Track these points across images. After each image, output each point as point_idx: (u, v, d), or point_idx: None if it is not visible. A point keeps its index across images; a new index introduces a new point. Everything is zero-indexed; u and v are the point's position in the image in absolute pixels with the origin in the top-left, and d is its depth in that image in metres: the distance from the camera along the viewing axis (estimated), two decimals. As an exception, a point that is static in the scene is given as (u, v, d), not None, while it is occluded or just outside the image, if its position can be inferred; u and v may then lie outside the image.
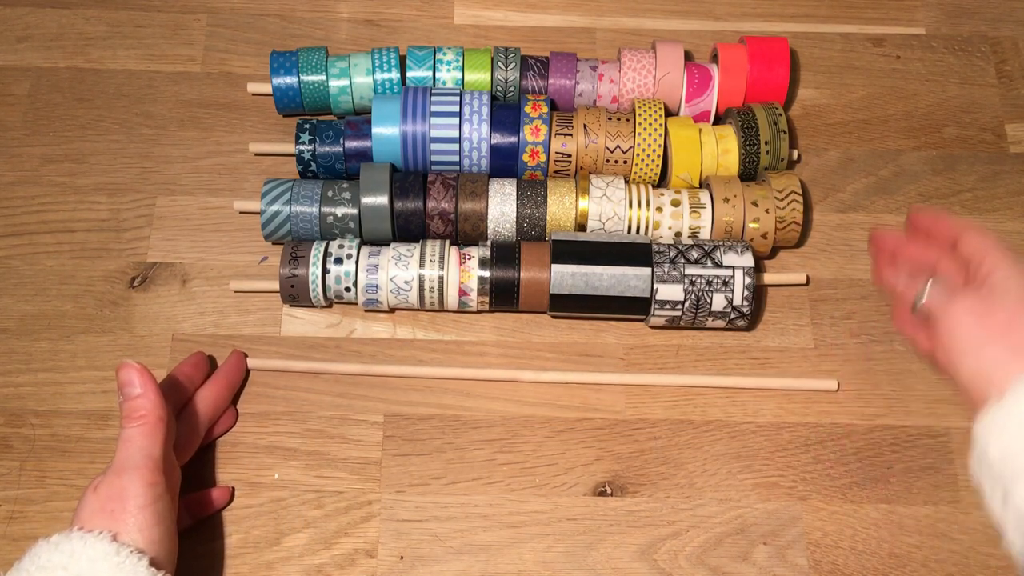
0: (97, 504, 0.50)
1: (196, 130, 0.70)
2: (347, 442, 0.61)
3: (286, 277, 0.61)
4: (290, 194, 0.63)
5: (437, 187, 0.63)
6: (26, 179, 0.68)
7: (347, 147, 0.65)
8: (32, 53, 0.72)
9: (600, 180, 0.64)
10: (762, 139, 0.65)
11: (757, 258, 0.64)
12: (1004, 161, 0.71)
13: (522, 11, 0.76)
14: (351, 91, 0.68)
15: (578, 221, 0.64)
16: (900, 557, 0.59)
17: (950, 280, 0.54)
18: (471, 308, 0.63)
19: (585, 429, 0.62)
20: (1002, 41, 0.75)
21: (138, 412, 0.53)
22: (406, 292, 0.62)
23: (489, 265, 0.61)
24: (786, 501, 0.60)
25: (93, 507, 0.50)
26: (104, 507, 0.50)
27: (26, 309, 0.64)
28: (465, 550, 0.59)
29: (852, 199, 0.69)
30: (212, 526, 0.59)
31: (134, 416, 0.53)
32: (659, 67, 0.68)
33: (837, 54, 0.75)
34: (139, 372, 0.53)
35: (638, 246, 0.61)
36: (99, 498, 0.51)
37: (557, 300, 0.61)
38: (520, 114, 0.65)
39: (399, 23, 0.75)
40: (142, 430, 0.53)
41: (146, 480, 0.51)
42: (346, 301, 0.63)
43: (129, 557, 0.48)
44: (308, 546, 0.58)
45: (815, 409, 0.63)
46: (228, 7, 0.75)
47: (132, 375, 0.53)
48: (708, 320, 0.62)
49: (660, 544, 0.59)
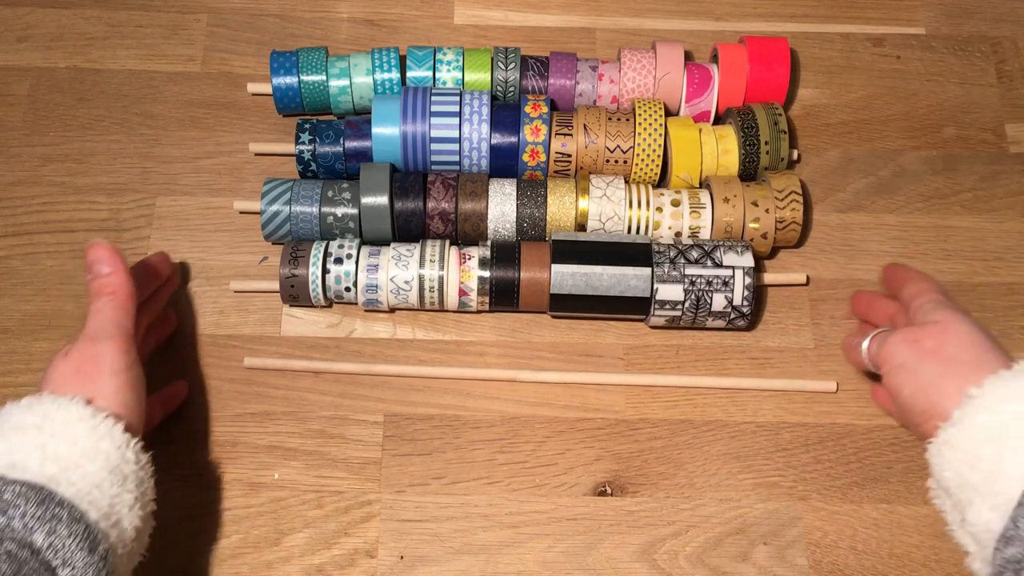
0: (69, 369, 0.50)
1: (196, 130, 0.70)
2: (347, 442, 0.61)
3: (286, 277, 0.61)
4: (290, 194, 0.63)
5: (437, 187, 0.63)
6: (26, 179, 0.68)
7: (347, 147, 0.65)
8: (32, 53, 0.72)
9: (600, 180, 0.64)
10: (762, 139, 0.65)
11: (757, 258, 0.64)
12: (1004, 161, 0.71)
13: (522, 11, 0.76)
14: (351, 91, 0.68)
15: (578, 221, 0.64)
16: (900, 557, 0.59)
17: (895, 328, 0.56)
18: (471, 308, 0.63)
19: (585, 429, 0.62)
20: (1002, 41, 0.75)
21: (108, 288, 0.53)
22: (406, 292, 0.62)
23: (489, 265, 0.61)
24: (786, 501, 0.60)
25: (64, 372, 0.50)
26: (78, 370, 0.50)
27: (26, 309, 0.64)
28: (465, 550, 0.59)
29: (852, 199, 0.69)
30: (212, 526, 0.59)
31: (104, 292, 0.53)
32: (659, 67, 0.68)
33: (837, 54, 0.75)
34: (109, 252, 0.53)
35: (638, 246, 0.61)
36: (71, 363, 0.50)
37: (557, 300, 0.61)
38: (520, 114, 0.65)
39: (399, 23, 0.75)
40: (113, 303, 0.52)
41: (120, 348, 0.51)
42: (346, 301, 0.63)
43: (105, 421, 0.48)
44: (308, 546, 0.58)
45: (815, 409, 0.63)
46: (228, 7, 0.75)
47: (102, 253, 0.53)
48: (708, 320, 0.62)
49: (660, 544, 0.59)
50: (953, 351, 0.50)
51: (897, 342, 0.53)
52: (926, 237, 0.68)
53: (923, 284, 0.57)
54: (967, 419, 0.47)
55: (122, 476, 0.47)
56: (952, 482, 0.47)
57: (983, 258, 0.68)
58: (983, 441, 0.46)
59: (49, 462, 0.45)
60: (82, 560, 0.43)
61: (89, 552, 0.44)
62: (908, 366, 0.51)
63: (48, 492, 0.44)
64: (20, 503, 0.43)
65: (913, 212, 0.69)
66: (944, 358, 0.50)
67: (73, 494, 0.45)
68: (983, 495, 0.45)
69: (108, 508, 0.46)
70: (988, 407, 0.46)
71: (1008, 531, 0.43)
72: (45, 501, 0.44)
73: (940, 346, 0.51)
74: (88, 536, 0.44)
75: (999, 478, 0.45)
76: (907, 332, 0.53)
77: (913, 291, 0.56)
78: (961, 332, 0.51)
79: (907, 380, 0.51)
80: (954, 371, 0.49)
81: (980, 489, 0.45)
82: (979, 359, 0.49)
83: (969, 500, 0.46)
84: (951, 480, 0.48)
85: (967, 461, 0.46)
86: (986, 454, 0.45)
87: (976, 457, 0.46)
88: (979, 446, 0.46)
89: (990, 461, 0.45)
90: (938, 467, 0.49)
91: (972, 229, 0.69)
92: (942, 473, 0.48)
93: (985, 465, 0.45)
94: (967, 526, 0.47)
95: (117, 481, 0.47)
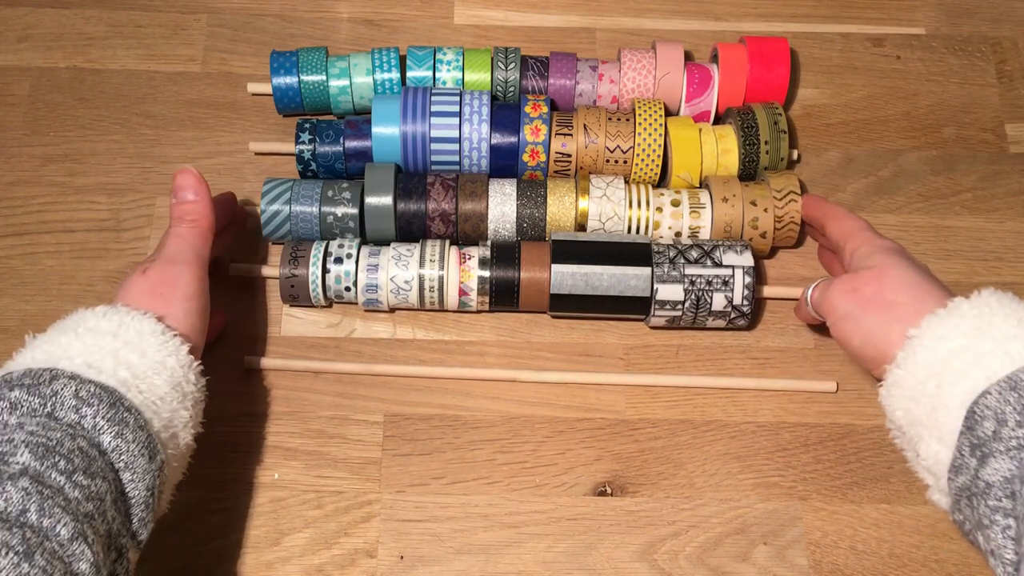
0: (147, 286, 0.53)
1: (196, 130, 0.70)
2: (347, 442, 0.61)
3: (286, 277, 0.61)
4: (290, 194, 0.63)
5: (437, 188, 0.63)
6: (26, 179, 0.68)
7: (347, 147, 0.65)
8: (32, 53, 0.72)
9: (600, 180, 0.64)
10: (762, 139, 0.65)
11: (757, 258, 0.64)
12: (1004, 161, 0.71)
13: (522, 11, 0.76)
14: (351, 91, 0.68)
15: (578, 221, 0.64)
16: (900, 557, 0.59)
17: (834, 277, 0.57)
18: (471, 308, 0.63)
19: (585, 429, 0.62)
20: (1002, 41, 0.75)
21: (191, 215, 0.56)
22: (406, 292, 0.62)
23: (489, 265, 0.61)
24: (786, 501, 0.60)
25: (142, 288, 0.53)
26: (154, 290, 0.52)
27: (26, 309, 0.64)
28: (465, 550, 0.59)
29: (852, 199, 0.69)
30: (212, 526, 0.59)
31: (187, 218, 0.56)
32: (659, 67, 0.68)
33: (837, 54, 0.75)
34: (197, 179, 0.56)
35: (638, 246, 0.61)
36: (148, 281, 0.53)
37: (557, 300, 0.61)
38: (520, 114, 0.65)
39: (399, 23, 0.75)
40: (194, 231, 0.55)
41: (196, 274, 0.54)
42: (346, 301, 0.63)
43: (174, 339, 0.50)
44: (308, 546, 0.58)
45: (815, 409, 0.63)
46: (228, 7, 0.75)
47: (190, 180, 0.56)
48: (708, 320, 0.62)
49: (660, 544, 0.59)
50: (892, 296, 0.52)
51: (837, 293, 0.54)
52: (926, 237, 0.68)
53: (850, 223, 0.58)
54: (909, 360, 0.49)
55: (182, 393, 0.50)
56: (903, 420, 0.50)
57: (983, 258, 0.68)
58: (925, 378, 0.48)
59: (122, 368, 0.48)
60: (143, 466, 0.46)
61: (149, 460, 0.46)
62: (852, 316, 0.53)
63: (119, 396, 0.46)
64: (94, 402, 0.45)
65: (913, 212, 0.69)
66: (883, 304, 0.52)
67: (140, 402, 0.47)
68: (929, 428, 0.47)
69: (168, 420, 0.49)
70: (927, 346, 0.48)
71: (956, 460, 0.45)
72: (116, 404, 0.46)
73: (879, 292, 0.52)
74: (149, 444, 0.47)
75: (942, 411, 0.46)
76: (846, 281, 0.54)
77: (842, 231, 0.58)
78: (897, 276, 0.52)
79: (853, 331, 0.53)
80: (895, 316, 0.51)
81: (926, 423, 0.47)
82: (917, 299, 0.51)
83: (919, 435, 0.48)
84: (902, 419, 0.50)
85: (913, 398, 0.48)
86: (928, 390, 0.47)
87: (921, 393, 0.48)
88: (922, 383, 0.48)
89: (932, 396, 0.47)
90: (889, 408, 0.51)
91: (972, 229, 0.69)
92: (894, 413, 0.50)
93: (928, 400, 0.47)
94: (920, 460, 0.49)
95: (178, 397, 0.49)
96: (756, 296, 0.62)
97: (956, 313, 0.48)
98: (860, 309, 0.53)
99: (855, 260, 0.56)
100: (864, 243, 0.56)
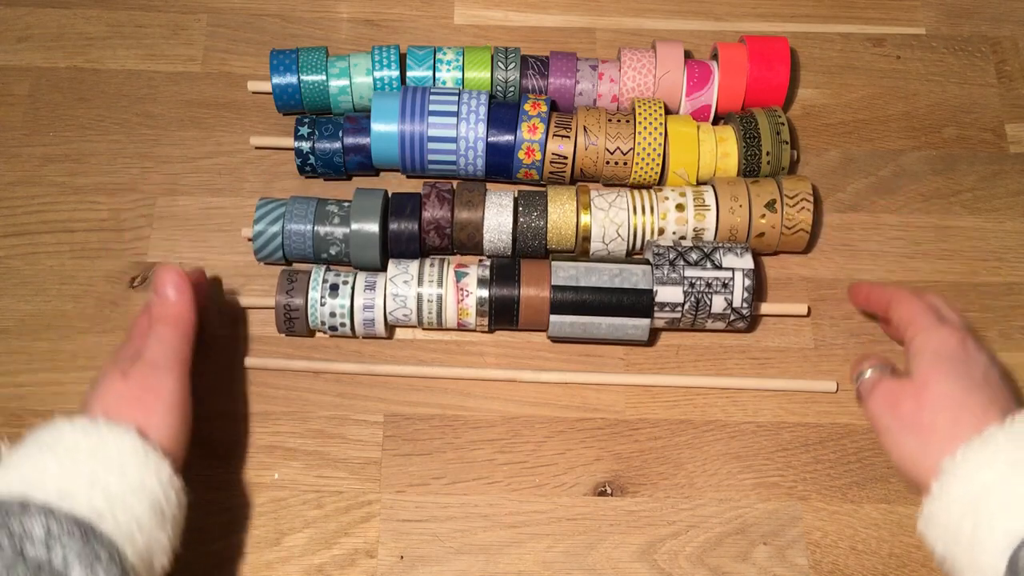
0: (128, 393, 0.50)
1: (196, 130, 0.70)
2: (347, 442, 0.61)
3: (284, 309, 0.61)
4: (283, 211, 0.63)
5: (432, 200, 0.63)
6: (26, 179, 0.68)
7: (346, 142, 0.65)
8: (32, 53, 0.72)
9: (602, 200, 0.64)
10: (764, 149, 0.65)
11: (758, 258, 0.64)
12: (1004, 161, 0.71)
13: (522, 11, 0.76)
14: (351, 91, 0.68)
15: (581, 234, 0.63)
16: (900, 557, 0.59)
17: (887, 366, 0.56)
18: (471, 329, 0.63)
19: (585, 429, 0.62)
20: (1002, 41, 0.75)
21: (174, 317, 0.54)
22: (405, 321, 0.62)
23: (488, 286, 0.61)
24: (786, 501, 0.60)
25: (123, 394, 0.50)
26: (136, 397, 0.50)
27: (26, 309, 0.64)
28: (465, 550, 0.59)
29: (852, 199, 0.69)
30: (212, 525, 0.59)
31: (169, 319, 0.53)
32: (659, 66, 0.68)
33: (837, 54, 0.75)
34: (178, 275, 0.54)
35: (638, 292, 0.60)
36: (130, 387, 0.50)
37: (556, 338, 0.62)
38: (518, 112, 0.65)
39: (399, 23, 0.75)
40: (177, 332, 0.53)
41: (179, 380, 0.52)
42: (340, 334, 0.63)
43: (155, 456, 0.48)
44: (308, 546, 0.58)
45: (815, 409, 0.63)
46: (228, 7, 0.75)
47: (171, 277, 0.54)
48: (708, 322, 0.62)
49: (660, 544, 0.59)
50: (929, 418, 0.50)
51: (879, 404, 0.53)
52: (926, 237, 0.68)
53: (911, 308, 0.56)
54: (944, 494, 0.47)
55: (162, 516, 0.48)
56: (943, 554, 0.48)
57: (983, 258, 0.68)
58: (960, 516, 0.46)
59: (98, 495, 0.45)
60: None
61: None
62: (891, 432, 0.52)
63: (92, 529, 0.44)
64: (65, 539, 0.43)
65: (913, 212, 0.69)
66: (920, 427, 0.50)
67: (116, 531, 0.45)
68: (970, 569, 0.46)
69: (144, 549, 0.46)
70: (962, 479, 0.47)
71: None
72: (89, 539, 0.44)
73: (917, 411, 0.51)
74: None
75: (981, 550, 0.45)
76: (888, 392, 0.53)
77: (903, 316, 0.56)
78: (937, 392, 0.51)
79: (892, 447, 0.52)
80: (931, 441, 0.49)
81: (966, 563, 0.46)
82: (955, 422, 0.49)
83: (961, 572, 0.47)
84: (942, 552, 0.48)
85: (950, 536, 0.47)
86: (965, 529, 0.46)
87: (958, 532, 0.46)
88: (957, 521, 0.46)
89: (969, 535, 0.45)
90: (929, 541, 0.49)
91: (972, 229, 0.69)
92: (934, 546, 0.49)
93: (966, 539, 0.46)
94: None
95: (157, 522, 0.47)
96: (755, 314, 0.62)
97: (992, 445, 0.47)
98: (899, 428, 0.51)
99: (909, 356, 0.54)
100: (920, 332, 0.54)
